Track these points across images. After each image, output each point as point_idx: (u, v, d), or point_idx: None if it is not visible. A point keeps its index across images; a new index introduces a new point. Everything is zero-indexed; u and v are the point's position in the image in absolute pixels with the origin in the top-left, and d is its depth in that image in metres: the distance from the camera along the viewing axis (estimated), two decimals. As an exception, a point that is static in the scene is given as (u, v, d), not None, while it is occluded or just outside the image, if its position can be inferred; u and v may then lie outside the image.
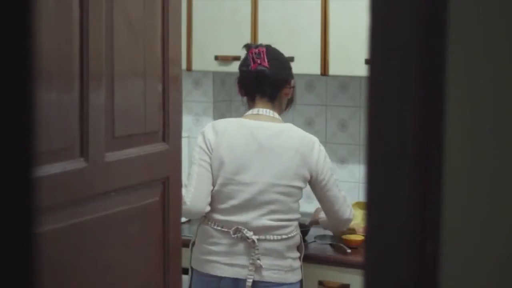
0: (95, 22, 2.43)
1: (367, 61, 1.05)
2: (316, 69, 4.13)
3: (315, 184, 3.56)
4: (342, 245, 3.89)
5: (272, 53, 3.62)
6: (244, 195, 3.47)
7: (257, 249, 3.44)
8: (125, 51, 2.59)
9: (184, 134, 3.16)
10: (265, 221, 3.45)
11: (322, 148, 3.58)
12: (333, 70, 4.11)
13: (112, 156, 2.54)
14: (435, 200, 1.02)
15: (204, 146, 3.54)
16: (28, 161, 0.89)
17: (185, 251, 3.08)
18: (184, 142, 3.90)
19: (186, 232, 4.02)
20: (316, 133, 4.60)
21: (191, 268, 3.61)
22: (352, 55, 4.01)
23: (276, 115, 3.58)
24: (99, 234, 2.50)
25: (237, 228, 3.46)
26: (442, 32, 1.01)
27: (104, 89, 2.49)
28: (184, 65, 3.96)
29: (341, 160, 4.58)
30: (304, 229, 3.98)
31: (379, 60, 1.03)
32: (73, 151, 2.39)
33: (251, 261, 3.44)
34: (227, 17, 4.33)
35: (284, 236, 3.49)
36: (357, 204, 4.29)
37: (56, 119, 2.31)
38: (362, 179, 4.49)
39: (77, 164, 2.39)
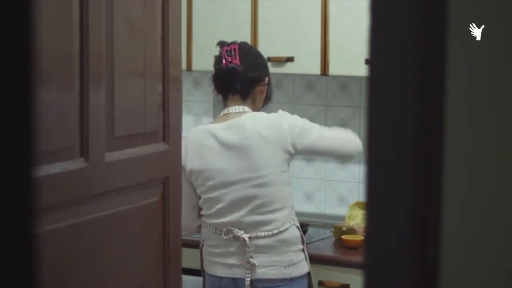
0: (95, 22, 2.43)
1: (367, 61, 1.05)
2: (316, 69, 4.13)
3: (301, 151, 3.51)
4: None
5: (245, 50, 3.60)
6: (227, 197, 3.47)
7: (248, 247, 3.44)
8: (125, 51, 2.59)
9: (184, 134, 3.16)
10: (255, 217, 3.45)
11: (289, 115, 3.50)
12: (333, 70, 4.11)
13: (112, 156, 2.54)
14: (435, 200, 1.02)
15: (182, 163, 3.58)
16: (28, 161, 0.89)
17: (185, 251, 3.07)
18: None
19: (186, 232, 4.02)
20: (316, 133, 4.59)
21: (203, 270, 3.65)
22: (352, 55, 4.01)
23: (247, 109, 3.54)
24: (99, 234, 2.50)
25: (228, 229, 3.47)
26: (442, 32, 1.01)
27: (104, 89, 2.49)
28: (184, 65, 3.96)
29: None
30: (303, 229, 3.98)
31: (379, 60, 1.03)
32: (73, 151, 2.38)
33: (246, 260, 3.45)
34: (227, 17, 4.33)
35: (275, 231, 3.45)
36: (357, 204, 4.29)
37: (56, 119, 2.31)
38: (362, 179, 4.49)
39: (77, 164, 2.39)
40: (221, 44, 3.65)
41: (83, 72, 2.39)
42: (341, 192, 4.56)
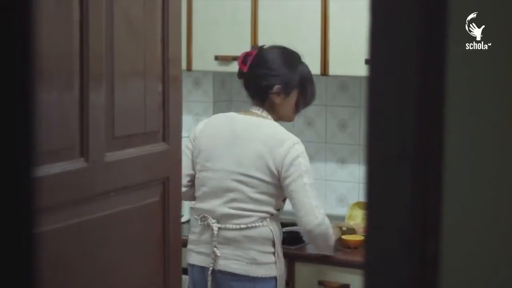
0: (95, 22, 2.43)
1: (367, 61, 1.05)
2: (316, 69, 4.12)
3: (281, 182, 3.47)
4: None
5: (260, 57, 3.60)
6: (212, 182, 3.53)
7: (215, 237, 3.46)
8: (125, 51, 2.59)
9: (184, 134, 3.16)
10: (226, 209, 3.47)
11: (300, 148, 3.46)
12: (333, 70, 4.11)
13: (112, 156, 2.54)
14: (435, 200, 1.02)
15: (191, 135, 3.67)
16: (28, 161, 0.89)
17: (185, 251, 3.07)
18: (184, 142, 3.90)
19: (186, 232, 4.02)
20: (316, 133, 4.60)
21: None
22: (352, 55, 4.01)
23: (265, 113, 3.58)
24: (99, 234, 2.50)
25: (204, 216, 3.52)
26: (442, 32, 1.01)
27: (104, 89, 2.49)
28: (184, 65, 3.96)
29: (341, 160, 4.58)
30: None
31: (379, 60, 1.03)
32: (73, 151, 2.39)
33: (213, 250, 3.47)
34: (227, 17, 4.32)
35: (243, 226, 3.45)
36: (357, 204, 4.29)
37: (56, 119, 2.31)
38: (362, 179, 4.49)
39: (77, 164, 2.39)
40: (252, 48, 3.71)
41: (83, 72, 2.39)
42: (341, 192, 4.56)
